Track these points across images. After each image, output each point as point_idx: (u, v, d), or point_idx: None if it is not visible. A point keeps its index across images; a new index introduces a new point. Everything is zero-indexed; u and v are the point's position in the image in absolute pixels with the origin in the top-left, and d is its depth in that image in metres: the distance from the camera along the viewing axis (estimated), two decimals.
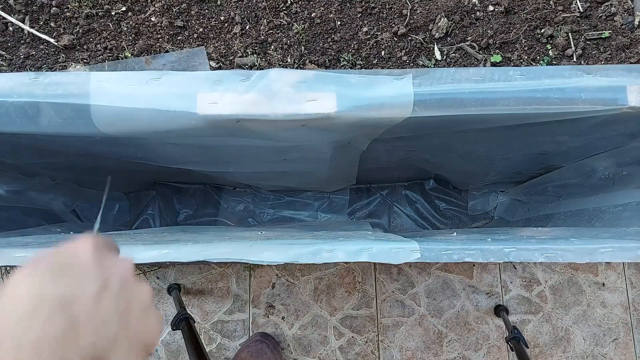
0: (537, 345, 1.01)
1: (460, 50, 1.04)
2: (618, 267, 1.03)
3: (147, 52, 1.03)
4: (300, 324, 1.00)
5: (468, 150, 0.66)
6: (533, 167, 0.79)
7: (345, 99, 0.40)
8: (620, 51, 1.02)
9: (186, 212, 1.03)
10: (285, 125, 0.41)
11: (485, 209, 1.05)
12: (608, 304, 1.01)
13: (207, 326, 0.99)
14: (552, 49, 1.04)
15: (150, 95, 0.39)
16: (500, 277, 1.03)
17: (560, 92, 0.41)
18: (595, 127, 0.47)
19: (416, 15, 1.05)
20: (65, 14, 1.03)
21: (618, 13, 1.04)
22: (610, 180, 0.63)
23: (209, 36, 1.04)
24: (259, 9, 1.05)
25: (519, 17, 1.05)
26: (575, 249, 0.42)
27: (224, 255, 0.41)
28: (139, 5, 1.04)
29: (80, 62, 1.02)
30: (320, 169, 0.70)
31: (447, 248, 0.42)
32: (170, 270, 1.01)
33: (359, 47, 1.04)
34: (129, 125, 0.40)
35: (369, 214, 1.05)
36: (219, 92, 0.39)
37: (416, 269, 1.03)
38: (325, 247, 0.41)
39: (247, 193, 1.05)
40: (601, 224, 0.63)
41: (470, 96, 0.40)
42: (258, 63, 1.03)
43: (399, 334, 1.00)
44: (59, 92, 0.39)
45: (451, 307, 1.01)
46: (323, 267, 1.02)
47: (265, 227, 0.83)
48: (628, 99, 0.40)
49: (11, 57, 1.02)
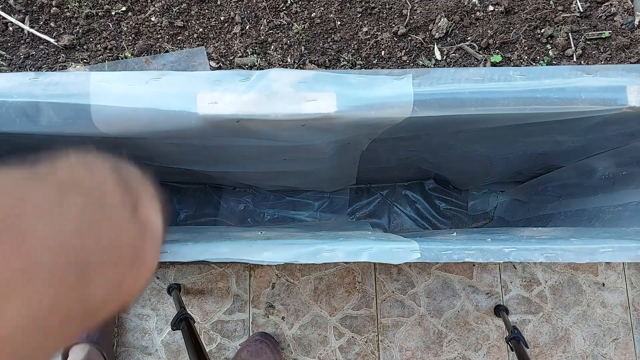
0: (537, 345, 1.01)
1: (460, 50, 1.04)
2: (618, 267, 1.03)
3: (147, 52, 1.03)
4: (300, 324, 1.00)
5: (468, 150, 0.66)
6: (533, 167, 0.79)
7: (345, 99, 0.40)
8: (620, 51, 1.02)
9: (186, 212, 1.03)
10: (285, 125, 0.41)
11: (485, 209, 1.05)
12: (608, 304, 1.01)
13: (207, 326, 0.99)
14: (552, 49, 1.04)
15: (150, 95, 0.39)
16: (500, 277, 1.03)
17: (560, 92, 0.40)
18: (595, 127, 0.47)
19: (416, 15, 1.05)
20: (65, 14, 1.03)
21: (618, 13, 1.04)
22: (610, 180, 0.63)
23: (209, 36, 1.04)
24: (259, 9, 1.05)
25: (519, 17, 1.05)
26: (575, 249, 0.42)
27: (224, 255, 0.41)
28: (139, 5, 1.04)
29: (80, 62, 1.02)
30: (320, 169, 0.70)
31: (447, 248, 0.42)
32: (170, 270, 1.01)
33: (359, 47, 1.04)
34: (129, 125, 0.40)
35: (369, 214, 1.05)
36: (219, 92, 0.39)
37: (416, 269, 1.03)
38: (325, 247, 0.41)
39: (247, 193, 1.05)
40: (601, 224, 0.63)
41: (470, 96, 0.40)
42: (258, 63, 1.03)
43: (399, 334, 1.00)
44: (59, 92, 0.39)
45: (451, 307, 1.01)
46: (323, 267, 1.02)
47: (265, 227, 0.83)
48: (628, 99, 0.40)
49: (11, 57, 1.02)
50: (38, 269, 0.19)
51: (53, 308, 0.20)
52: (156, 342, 0.99)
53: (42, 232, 0.20)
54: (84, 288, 0.22)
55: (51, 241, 0.20)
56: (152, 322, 0.99)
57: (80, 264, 0.21)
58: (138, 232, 0.28)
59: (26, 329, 0.19)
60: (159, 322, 0.99)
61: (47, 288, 0.19)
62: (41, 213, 0.21)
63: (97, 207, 0.25)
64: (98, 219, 0.24)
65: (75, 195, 0.24)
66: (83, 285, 0.22)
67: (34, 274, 0.19)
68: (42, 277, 0.19)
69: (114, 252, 0.25)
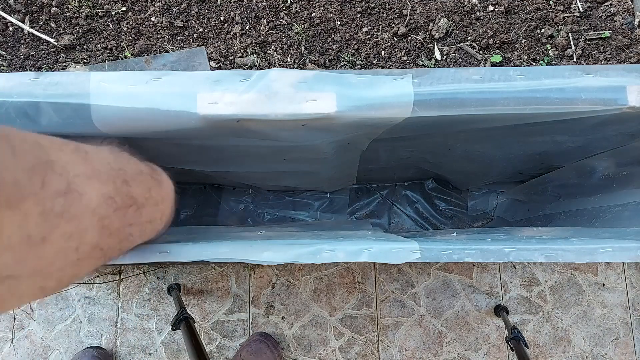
0: (537, 345, 1.01)
1: (460, 50, 1.04)
2: (618, 267, 1.03)
3: (147, 52, 1.03)
4: (300, 324, 1.00)
5: (468, 150, 0.66)
6: (533, 167, 0.79)
7: (345, 99, 0.40)
8: (620, 51, 1.02)
9: (186, 212, 1.03)
10: (285, 125, 0.41)
11: (485, 209, 1.05)
12: (608, 304, 1.02)
13: (207, 326, 0.99)
14: (552, 49, 1.04)
15: (150, 95, 0.39)
16: (500, 277, 1.03)
17: (560, 92, 0.40)
18: (595, 127, 0.47)
19: (416, 15, 1.05)
20: (65, 14, 1.03)
21: (618, 13, 1.04)
22: (610, 180, 0.63)
23: (209, 36, 1.04)
24: (259, 9, 1.05)
25: (519, 17, 1.05)
26: (575, 249, 0.42)
27: (224, 255, 0.41)
28: (139, 5, 1.04)
29: (80, 62, 1.02)
30: (320, 169, 0.70)
31: (447, 248, 0.42)
32: (170, 270, 1.01)
33: (359, 47, 1.04)
34: (129, 125, 0.40)
35: (369, 214, 1.05)
36: (218, 92, 0.39)
37: (416, 269, 1.03)
38: (325, 247, 0.41)
39: (247, 193, 1.05)
40: (601, 224, 0.63)
41: (470, 96, 0.40)
42: (258, 63, 1.03)
43: (399, 334, 1.00)
44: (59, 92, 0.39)
45: (451, 307, 1.01)
46: (323, 267, 1.02)
47: (265, 227, 0.83)
48: (628, 99, 0.40)
49: (11, 57, 1.02)
50: (101, 173, 0.33)
51: (115, 193, 0.33)
52: (156, 342, 0.99)
53: (99, 157, 0.34)
54: (128, 187, 0.35)
55: (104, 161, 0.34)
56: (152, 322, 0.99)
57: (121, 174, 0.35)
58: (150, 169, 0.41)
59: (106, 204, 0.32)
60: (159, 322, 0.99)
61: (107, 185, 0.33)
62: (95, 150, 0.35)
63: (124, 158, 0.39)
64: (127, 159, 0.39)
65: (107, 150, 0.38)
66: (127, 185, 0.35)
67: (98, 176, 0.32)
68: (105, 177, 0.33)
69: (140, 175, 0.38)
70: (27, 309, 0.99)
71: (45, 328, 0.98)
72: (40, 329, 0.98)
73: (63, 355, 0.98)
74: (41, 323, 0.99)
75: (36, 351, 0.98)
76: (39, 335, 0.98)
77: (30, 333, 0.98)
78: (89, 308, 0.99)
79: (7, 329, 0.98)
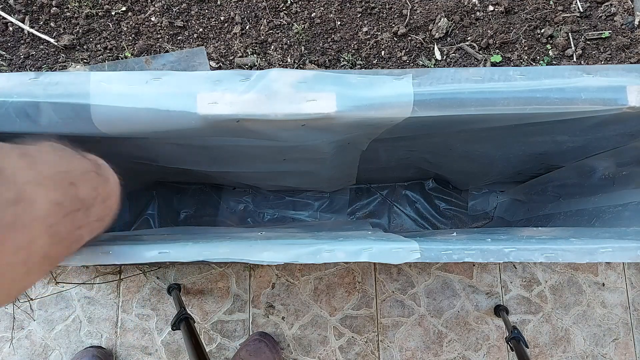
0: (537, 345, 1.01)
1: (460, 50, 1.04)
2: (618, 267, 1.03)
3: (147, 52, 1.03)
4: (300, 324, 1.00)
5: (468, 150, 0.65)
6: (533, 167, 0.79)
7: (345, 99, 0.40)
8: (620, 51, 1.02)
9: (186, 212, 1.03)
10: (285, 125, 0.41)
11: (485, 209, 1.05)
12: (608, 304, 1.01)
13: (207, 326, 0.99)
14: (552, 49, 1.04)
15: (150, 95, 0.39)
16: (500, 277, 1.03)
17: (560, 92, 0.40)
18: (595, 127, 0.47)
19: (416, 15, 1.05)
20: (65, 14, 1.03)
21: (618, 13, 1.04)
22: (610, 180, 0.63)
23: (209, 36, 1.04)
24: (259, 9, 1.05)
25: (519, 17, 1.05)
26: (575, 249, 0.42)
27: (224, 255, 0.41)
28: (139, 5, 1.04)
29: (80, 62, 1.02)
30: (320, 169, 0.70)
31: (447, 248, 0.42)
32: (170, 270, 1.01)
33: (359, 47, 1.04)
34: (129, 125, 0.40)
35: (369, 214, 1.05)
36: (218, 92, 0.39)
37: (416, 269, 1.03)
38: (325, 247, 0.41)
39: (247, 193, 1.05)
40: (601, 224, 0.63)
41: (470, 96, 0.40)
42: (258, 63, 1.03)
43: (399, 334, 1.00)
44: (59, 92, 0.39)
45: (451, 307, 1.01)
46: (323, 267, 1.02)
47: (265, 227, 0.83)
48: (628, 99, 0.40)
49: (11, 57, 1.02)
50: (48, 179, 0.32)
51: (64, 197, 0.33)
52: (156, 342, 0.99)
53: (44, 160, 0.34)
54: (76, 189, 0.35)
55: (50, 164, 0.34)
56: (152, 322, 0.99)
57: (67, 177, 0.35)
58: (95, 166, 0.41)
59: (55, 211, 0.31)
60: (159, 322, 0.99)
61: (55, 191, 0.32)
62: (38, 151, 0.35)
63: (68, 156, 0.38)
64: (70, 156, 0.38)
65: (51, 151, 0.37)
66: (75, 187, 0.35)
67: (46, 182, 0.31)
68: (52, 183, 0.32)
69: (86, 174, 0.38)
70: (27, 309, 0.99)
71: (45, 328, 0.98)
72: (40, 329, 0.98)
73: (63, 355, 0.98)
74: (41, 323, 0.99)
75: (36, 351, 0.98)
76: (39, 335, 0.98)
77: (30, 333, 0.98)
78: (89, 308, 0.99)
79: (7, 329, 0.98)
